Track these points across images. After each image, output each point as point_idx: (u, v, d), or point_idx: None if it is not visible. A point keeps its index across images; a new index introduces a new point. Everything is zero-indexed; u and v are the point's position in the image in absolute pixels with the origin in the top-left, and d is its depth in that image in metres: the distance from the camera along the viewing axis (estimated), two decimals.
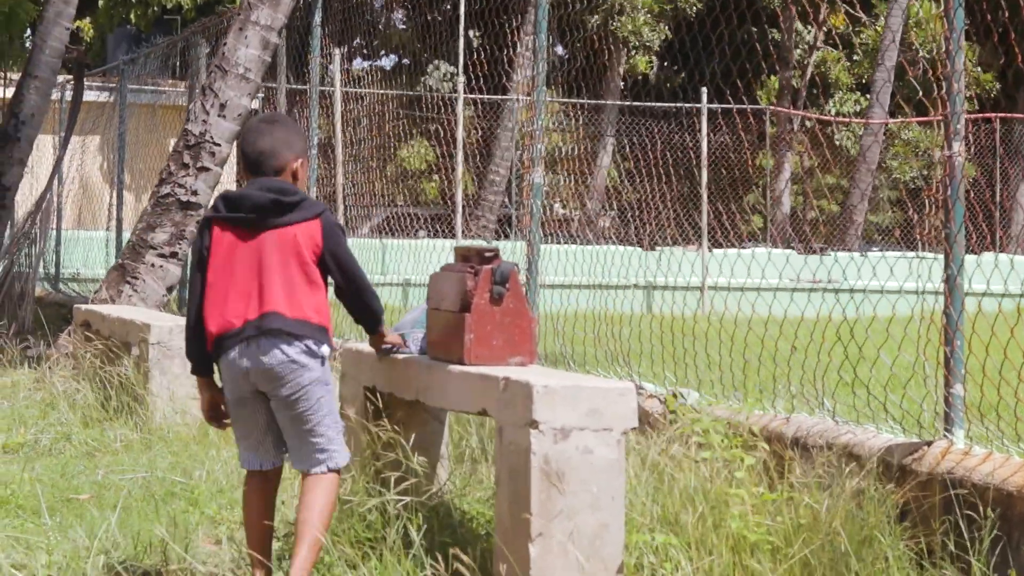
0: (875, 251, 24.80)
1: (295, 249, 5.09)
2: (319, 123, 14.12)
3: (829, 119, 31.47)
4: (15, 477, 7.29)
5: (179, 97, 18.82)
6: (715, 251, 21.27)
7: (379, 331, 5.62)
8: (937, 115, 5.68)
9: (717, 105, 22.17)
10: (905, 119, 29.33)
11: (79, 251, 21.46)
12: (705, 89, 21.02)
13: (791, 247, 24.93)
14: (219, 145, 11.55)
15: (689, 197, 24.92)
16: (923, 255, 11.86)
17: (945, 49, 5.63)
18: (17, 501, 6.77)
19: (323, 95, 15.11)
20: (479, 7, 14.46)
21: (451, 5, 32.14)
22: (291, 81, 15.22)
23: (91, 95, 19.92)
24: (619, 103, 30.33)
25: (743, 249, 22.43)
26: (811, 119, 30.44)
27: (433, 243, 15.79)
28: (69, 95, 19.34)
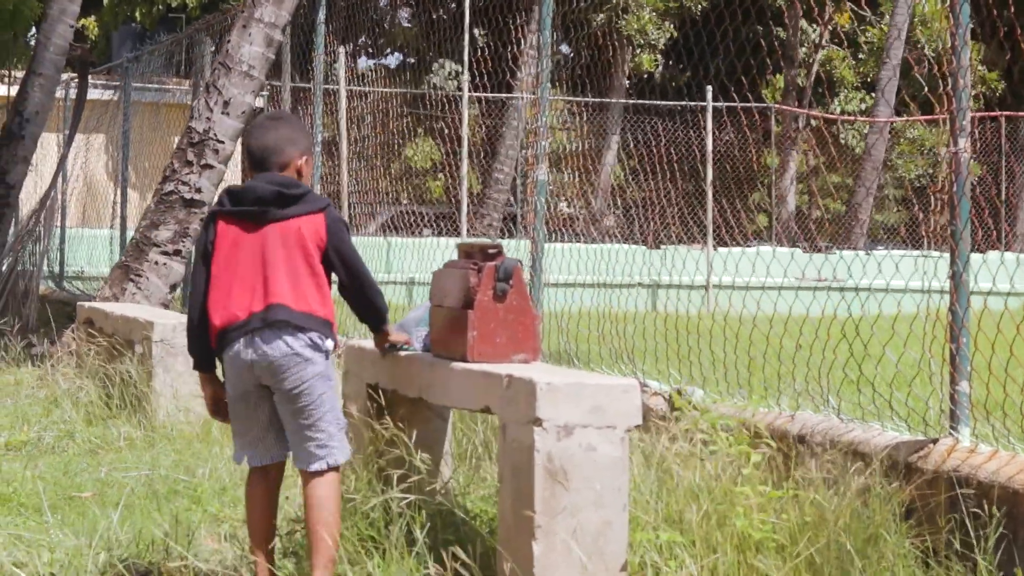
0: (880, 250, 24.74)
1: (299, 242, 5.08)
2: (324, 121, 14.10)
3: (834, 117, 31.41)
4: (17, 475, 7.29)
5: (184, 95, 18.80)
6: (720, 249, 21.23)
7: (383, 329, 5.59)
8: (942, 111, 5.65)
9: (722, 103, 22.12)
10: (911, 117, 29.26)
11: (83, 249, 21.46)
12: (710, 87, 20.99)
13: (796, 246, 24.90)
14: (223, 142, 11.53)
15: (694, 195, 24.88)
16: (928, 253, 11.83)
17: (951, 45, 5.60)
18: (19, 499, 6.76)
19: (328, 93, 15.09)
20: (484, 4, 14.45)
21: (456, 3, 32.14)
22: (296, 79, 15.21)
23: (95, 93, 19.93)
24: (624, 101, 30.31)
25: (748, 248, 22.39)
26: (816, 118, 30.38)
27: (437, 241, 15.77)
28: (73, 93, 19.34)
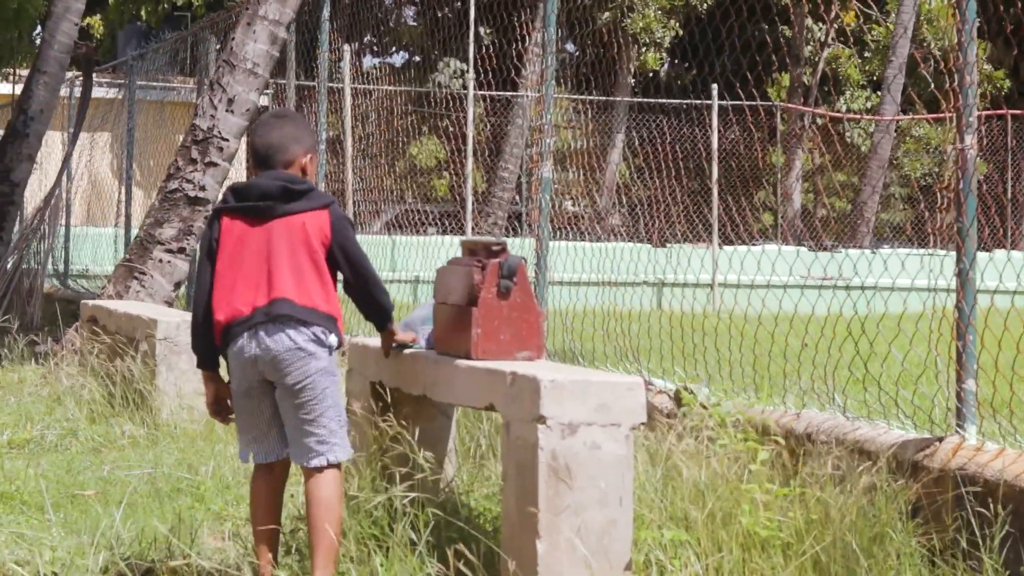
0: (886, 248, 24.70)
1: (304, 237, 5.07)
2: (329, 120, 14.07)
3: (840, 116, 31.37)
4: (20, 473, 7.27)
5: (189, 93, 18.80)
6: (725, 248, 21.18)
7: (389, 327, 5.57)
8: (949, 108, 5.62)
9: (728, 101, 22.08)
10: (917, 116, 29.21)
11: (88, 247, 21.46)
12: (716, 85, 20.95)
13: (802, 244, 24.86)
14: (227, 140, 11.51)
15: (699, 194, 24.85)
16: (934, 252, 11.80)
17: (957, 41, 5.57)
18: (22, 497, 6.74)
19: (333, 91, 15.08)
20: (489, 2, 14.43)
21: (461, 1, 32.11)
22: (300, 77, 15.18)
23: (100, 91, 19.94)
24: (629, 99, 30.28)
25: (754, 246, 22.35)
26: (822, 116, 30.34)
27: (442, 239, 15.74)
28: (78, 91, 19.33)
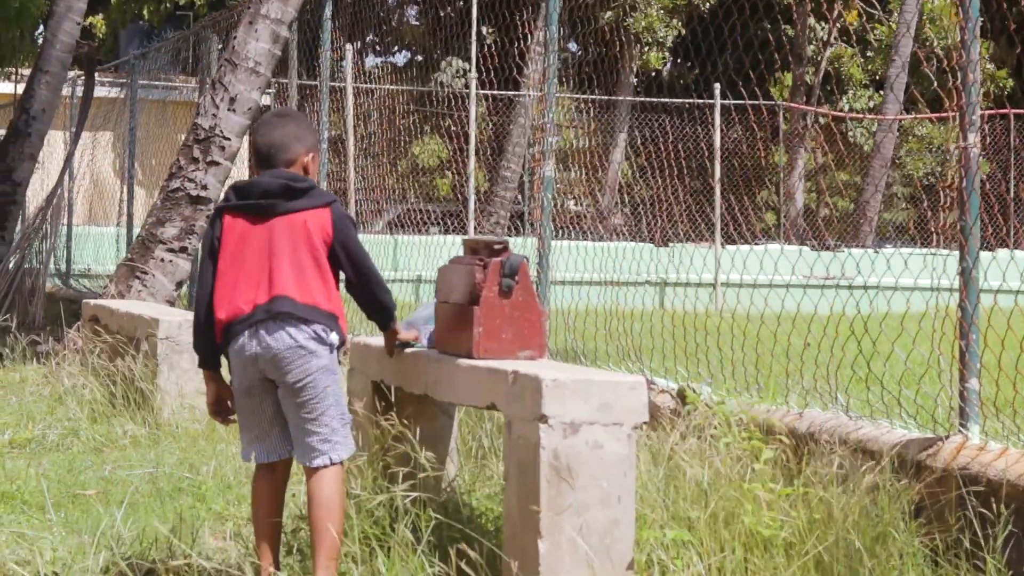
0: (889, 248, 24.66)
1: (305, 235, 5.06)
2: (332, 119, 14.06)
3: (842, 115, 31.33)
4: (21, 472, 7.25)
5: (191, 93, 18.79)
6: (728, 247, 21.15)
7: (392, 327, 5.55)
8: (952, 106, 5.60)
9: (730, 101, 22.05)
10: (919, 115, 29.18)
11: (90, 247, 21.44)
12: (718, 85, 20.93)
13: (805, 243, 24.82)
14: (229, 139, 11.49)
15: (702, 193, 24.82)
16: (937, 251, 11.79)
17: (960, 38, 5.55)
18: (23, 497, 6.72)
19: (335, 91, 15.06)
20: (491, 0, 14.41)
21: (463, 0, 32.09)
22: (303, 76, 15.17)
23: (102, 91, 19.93)
24: (632, 99, 30.25)
25: (756, 245, 22.32)
26: (825, 115, 30.32)
27: (444, 239, 15.73)
28: (80, 90, 19.32)
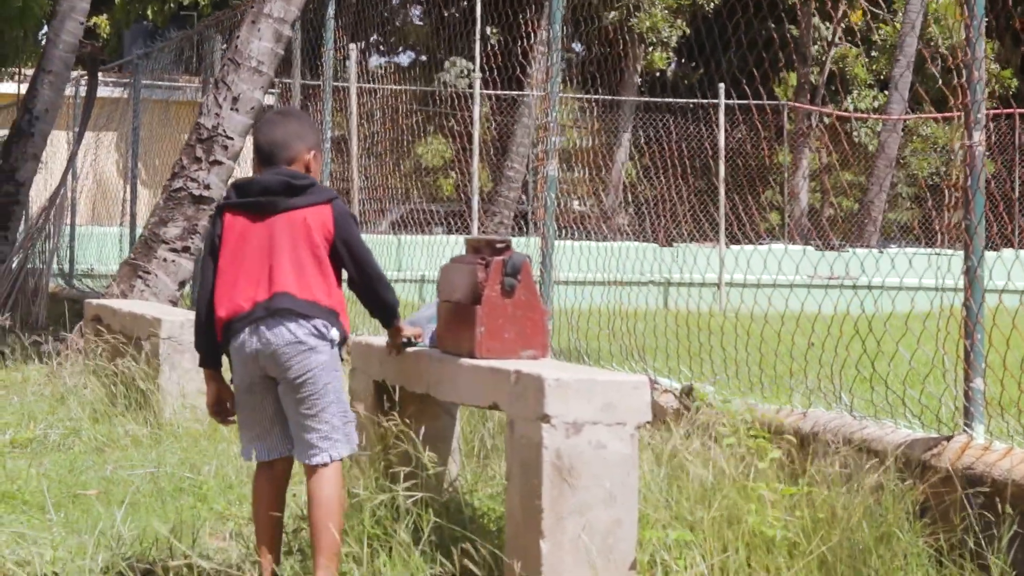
0: (893, 247, 24.62)
1: (306, 232, 5.03)
2: (335, 119, 14.03)
3: (847, 115, 31.29)
4: (22, 472, 7.23)
5: (194, 92, 18.77)
6: (732, 247, 21.11)
7: (395, 324, 5.53)
8: (957, 104, 5.56)
9: (734, 101, 22.02)
10: (924, 115, 29.14)
11: (93, 246, 21.44)
12: (722, 84, 20.91)
13: (809, 243, 24.80)
14: (232, 139, 11.46)
15: (706, 193, 24.79)
16: (942, 251, 11.75)
17: (965, 36, 5.51)
18: (23, 497, 6.70)
19: (339, 90, 15.03)
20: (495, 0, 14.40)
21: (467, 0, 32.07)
22: (307, 76, 15.15)
23: (105, 91, 19.91)
24: (636, 99, 30.23)
25: (760, 245, 22.27)
26: (829, 115, 30.27)
27: (447, 239, 15.71)
28: (83, 90, 19.32)
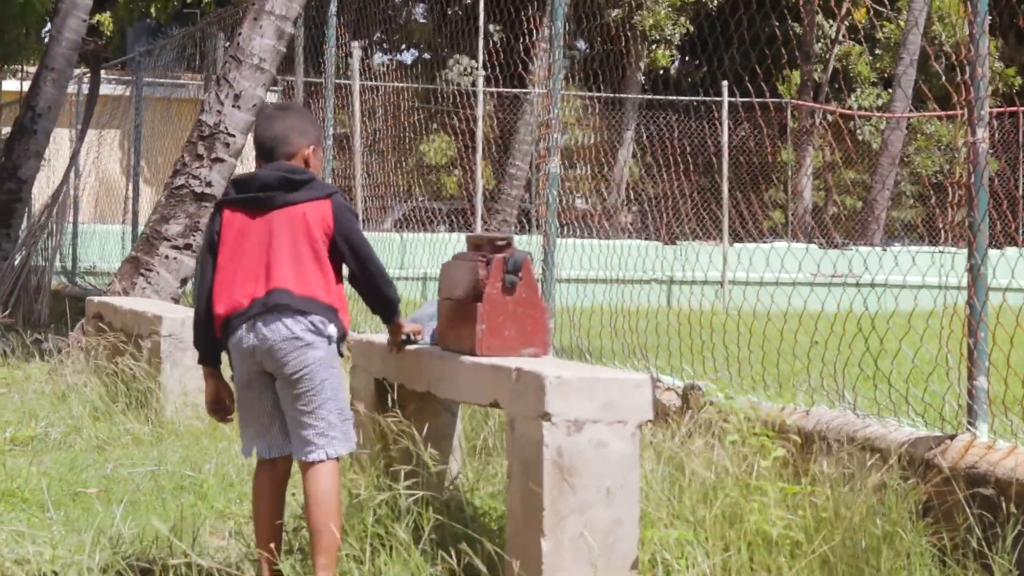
0: (897, 245, 24.59)
1: (305, 227, 5.01)
2: (338, 117, 14.00)
3: (850, 113, 31.26)
4: (23, 470, 7.20)
5: (197, 90, 18.75)
6: (735, 245, 21.07)
7: (396, 320, 5.50)
8: (960, 101, 5.53)
9: (738, 99, 21.98)
10: (927, 113, 29.11)
11: (96, 244, 21.43)
12: (726, 82, 20.87)
13: (812, 241, 24.76)
14: (234, 136, 11.43)
15: (709, 191, 24.76)
16: (945, 249, 11.72)
17: (968, 33, 5.49)
18: (23, 495, 6.68)
19: (342, 88, 15.00)
20: None
21: None
22: (310, 74, 15.13)
23: (108, 88, 19.91)
24: (639, 96, 30.21)
25: (763, 243, 22.23)
26: (832, 113, 30.25)
27: (449, 236, 15.68)
28: (86, 88, 19.30)
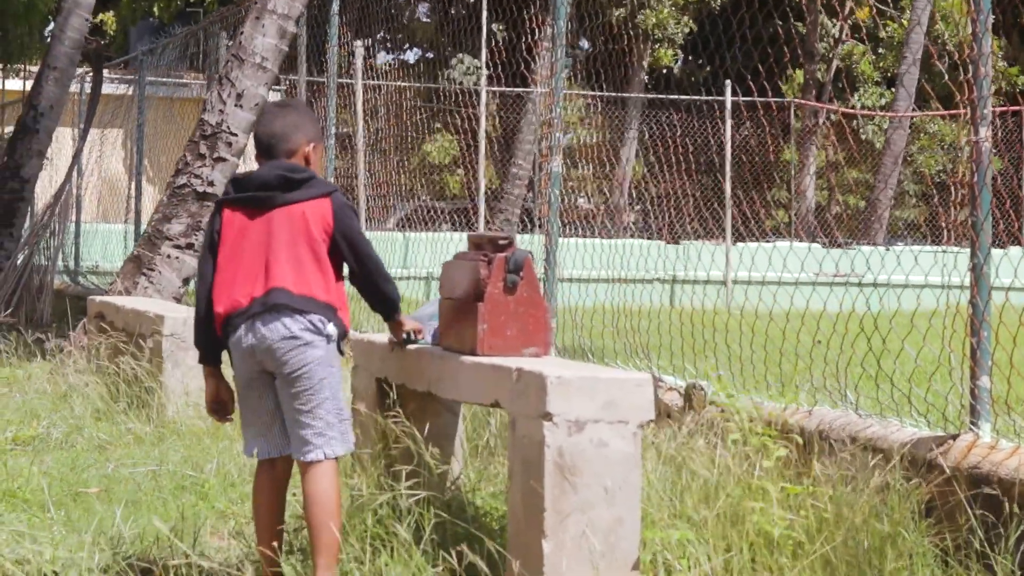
0: (900, 245, 24.56)
1: (304, 226, 5.00)
2: (341, 116, 13.99)
3: (853, 112, 31.22)
4: (24, 470, 7.19)
5: (199, 89, 18.75)
6: (738, 244, 21.04)
7: (396, 318, 5.49)
8: (963, 100, 5.52)
9: (741, 98, 21.94)
10: (930, 112, 29.07)
11: (98, 243, 21.42)
12: (729, 81, 20.84)
13: (815, 241, 24.73)
14: (236, 135, 11.42)
15: (712, 190, 24.74)
16: (948, 248, 11.70)
17: (971, 31, 5.47)
18: (24, 495, 6.66)
19: (344, 87, 15.00)
20: None
21: None
22: (313, 74, 15.12)
23: (110, 87, 19.90)
24: (642, 96, 30.19)
25: (766, 243, 22.21)
26: (836, 112, 30.21)
27: (451, 235, 15.67)
28: (88, 87, 19.30)
